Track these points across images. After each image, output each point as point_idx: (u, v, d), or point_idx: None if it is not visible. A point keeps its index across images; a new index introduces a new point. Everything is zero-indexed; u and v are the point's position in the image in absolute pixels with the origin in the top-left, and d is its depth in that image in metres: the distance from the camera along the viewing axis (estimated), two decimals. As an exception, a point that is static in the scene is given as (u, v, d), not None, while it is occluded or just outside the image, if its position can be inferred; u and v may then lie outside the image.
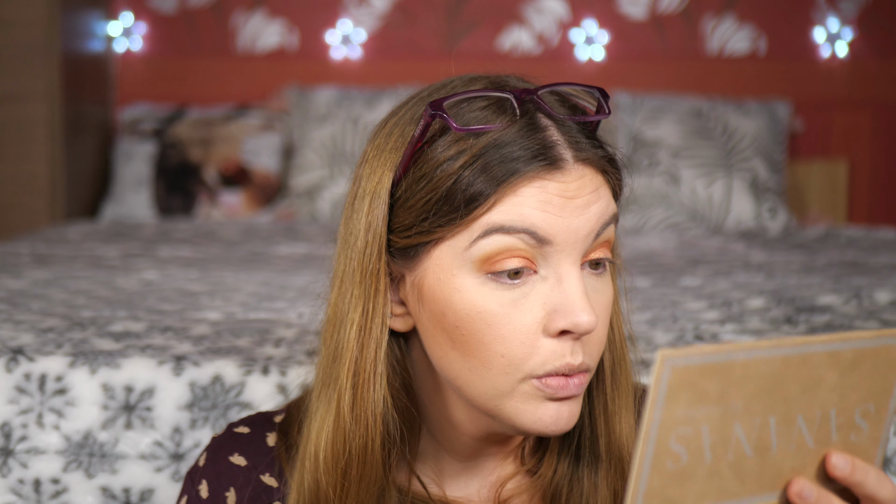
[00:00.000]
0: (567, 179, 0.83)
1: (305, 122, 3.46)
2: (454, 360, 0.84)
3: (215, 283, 2.17)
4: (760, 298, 1.97)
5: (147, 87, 3.71)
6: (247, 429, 0.97)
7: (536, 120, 0.84)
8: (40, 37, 3.28)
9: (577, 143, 0.84)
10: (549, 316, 0.82)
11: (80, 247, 2.69)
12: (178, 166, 3.40)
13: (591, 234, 0.84)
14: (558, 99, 0.87)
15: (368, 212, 0.86)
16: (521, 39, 3.63)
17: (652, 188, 3.24)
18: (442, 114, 0.83)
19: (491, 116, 0.83)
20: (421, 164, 0.84)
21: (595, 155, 0.85)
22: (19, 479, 1.42)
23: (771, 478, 0.67)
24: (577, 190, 0.83)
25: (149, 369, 1.46)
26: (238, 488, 0.94)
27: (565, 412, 0.84)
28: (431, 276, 0.84)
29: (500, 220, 0.81)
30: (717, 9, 3.65)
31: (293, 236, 2.92)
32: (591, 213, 0.84)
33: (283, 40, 3.72)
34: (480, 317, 0.82)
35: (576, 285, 0.82)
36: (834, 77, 3.64)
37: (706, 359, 0.62)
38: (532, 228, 0.81)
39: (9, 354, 1.48)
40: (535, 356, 0.82)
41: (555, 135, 0.84)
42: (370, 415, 0.86)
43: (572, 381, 0.83)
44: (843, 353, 0.67)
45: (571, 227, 0.82)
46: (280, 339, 1.61)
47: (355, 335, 0.86)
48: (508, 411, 0.84)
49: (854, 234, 3.08)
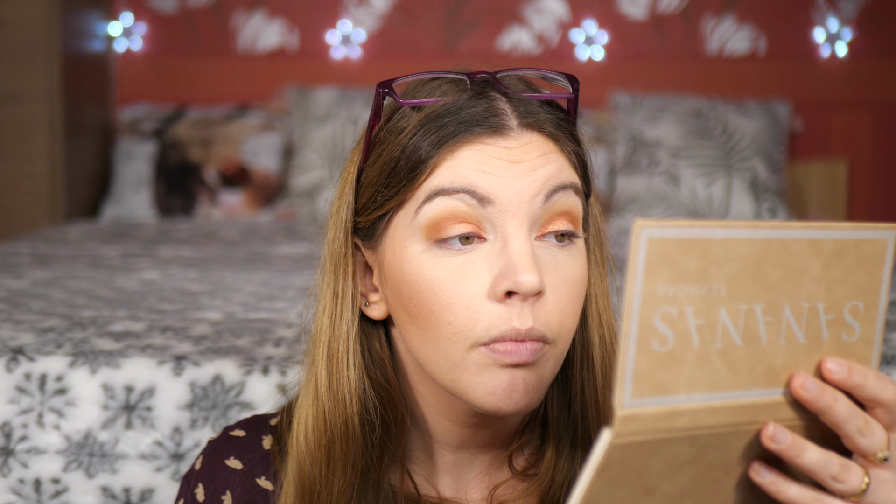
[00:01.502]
0: (510, 145, 0.82)
1: (305, 122, 3.46)
2: (414, 336, 0.85)
3: (215, 283, 2.17)
4: (760, 298, 1.97)
5: (147, 87, 3.71)
6: (242, 432, 0.98)
7: (485, 92, 0.84)
8: (40, 37, 3.28)
9: (526, 111, 0.84)
10: (495, 280, 0.81)
11: (81, 247, 2.69)
12: (178, 166, 3.40)
13: (539, 195, 0.82)
14: (524, 84, 0.87)
15: (339, 198, 0.89)
16: (521, 39, 3.63)
17: (652, 188, 3.24)
18: (387, 90, 0.84)
19: (443, 93, 0.84)
20: (377, 143, 0.86)
21: (543, 119, 0.84)
22: (20, 478, 1.42)
23: (763, 373, 0.66)
24: (520, 154, 0.82)
25: (149, 369, 1.46)
26: (234, 492, 0.94)
27: (520, 381, 0.82)
28: (389, 252, 0.86)
29: (439, 182, 0.82)
30: (717, 9, 3.65)
31: (293, 236, 2.92)
32: (538, 175, 0.82)
33: (283, 40, 3.72)
34: (428, 284, 0.82)
35: (520, 246, 0.81)
36: (834, 77, 3.64)
37: (683, 232, 0.61)
38: (471, 187, 0.81)
39: (9, 354, 1.48)
40: (481, 322, 0.81)
41: (501, 104, 0.84)
42: (346, 393, 0.87)
43: (524, 346, 0.81)
44: (824, 241, 0.67)
45: (514, 187, 0.81)
46: (280, 339, 1.61)
47: (328, 317, 0.88)
48: (465, 385, 0.83)
49: (854, 234, 3.08)
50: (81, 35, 3.50)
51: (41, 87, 3.29)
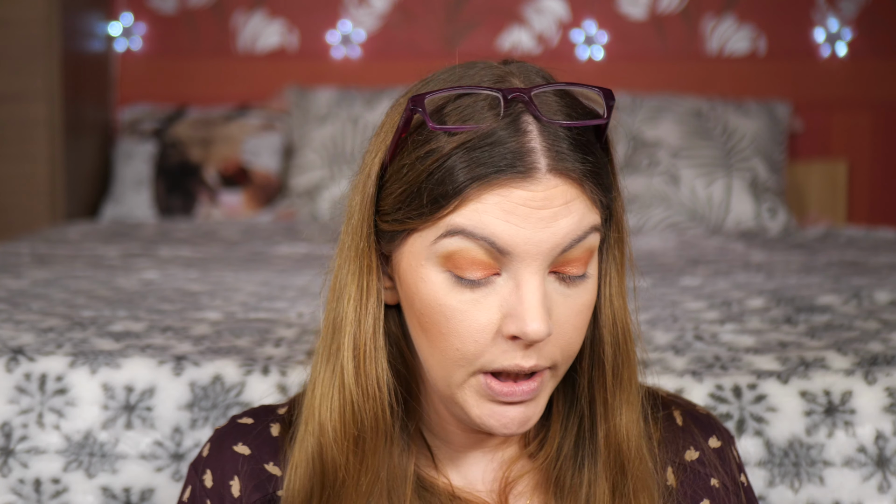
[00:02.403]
0: (536, 189, 0.81)
1: (305, 122, 3.46)
2: (422, 342, 0.87)
3: (215, 283, 2.17)
4: (760, 298, 1.97)
5: (147, 87, 3.71)
6: (250, 419, 0.98)
7: (519, 123, 0.83)
8: (40, 37, 3.28)
9: (556, 151, 0.82)
10: (504, 319, 0.83)
11: (81, 247, 2.69)
12: (178, 166, 3.40)
13: (557, 248, 0.82)
14: (558, 98, 0.85)
15: (362, 190, 0.89)
16: (521, 39, 3.63)
17: (652, 188, 3.24)
18: (419, 109, 0.83)
19: (475, 114, 0.83)
20: (403, 152, 0.86)
21: (573, 166, 0.83)
22: (20, 478, 1.42)
23: None
24: (544, 200, 0.81)
25: (149, 369, 1.46)
26: (242, 477, 0.95)
27: (516, 417, 0.85)
28: (405, 262, 0.86)
29: (462, 223, 0.82)
30: (716, 9, 3.65)
31: (293, 236, 2.92)
32: (559, 227, 0.82)
33: (283, 40, 3.72)
34: (441, 310, 0.83)
35: (532, 294, 0.81)
36: (834, 77, 3.64)
37: None
38: (492, 238, 0.81)
39: (9, 354, 1.48)
40: (487, 354, 0.83)
41: (533, 140, 0.82)
42: (376, 387, 0.88)
43: (520, 388, 0.83)
44: None
45: (534, 238, 0.81)
46: (280, 339, 1.61)
47: (353, 309, 0.88)
48: (461, 401, 0.85)
49: (854, 234, 3.08)
50: (81, 35, 3.50)
51: (41, 87, 3.29)
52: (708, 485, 0.96)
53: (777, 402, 1.42)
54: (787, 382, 1.44)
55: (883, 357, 1.50)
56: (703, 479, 0.96)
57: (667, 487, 0.94)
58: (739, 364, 1.50)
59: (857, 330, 1.70)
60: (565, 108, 0.85)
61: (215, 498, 0.95)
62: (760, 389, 1.43)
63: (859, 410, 1.42)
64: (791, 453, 1.41)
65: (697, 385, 1.43)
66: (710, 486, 0.96)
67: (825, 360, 1.49)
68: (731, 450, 0.99)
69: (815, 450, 1.41)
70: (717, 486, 0.96)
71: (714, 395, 1.42)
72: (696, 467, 0.96)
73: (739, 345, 1.62)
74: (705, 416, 1.00)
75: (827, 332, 1.69)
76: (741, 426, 1.41)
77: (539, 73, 0.88)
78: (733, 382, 1.44)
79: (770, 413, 1.42)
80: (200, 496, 0.96)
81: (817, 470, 1.40)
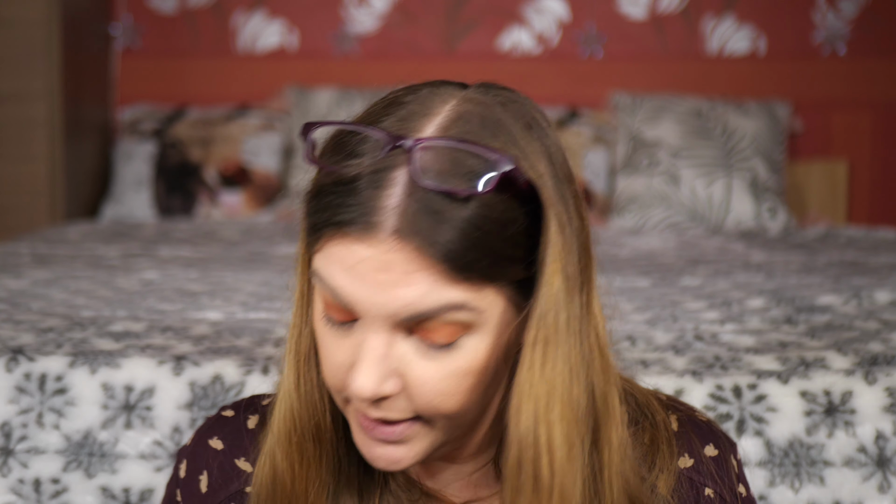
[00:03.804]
0: (378, 250, 0.77)
1: (305, 122, 3.45)
2: None
3: (215, 283, 2.17)
4: (760, 298, 1.97)
5: (147, 87, 3.71)
6: (231, 412, 0.99)
7: (387, 176, 0.78)
8: (40, 37, 3.28)
9: (411, 217, 0.76)
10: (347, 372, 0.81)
11: (80, 247, 2.69)
12: (178, 166, 3.40)
13: (397, 315, 0.78)
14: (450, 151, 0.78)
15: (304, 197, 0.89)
16: (521, 39, 3.63)
17: (652, 188, 3.24)
18: (305, 138, 0.84)
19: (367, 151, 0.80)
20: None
21: (426, 239, 0.76)
22: (19, 478, 1.42)
23: None
24: (383, 264, 0.77)
25: (149, 369, 1.46)
26: (210, 472, 0.96)
27: (383, 454, 0.82)
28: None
29: (317, 268, 0.81)
30: (716, 9, 3.65)
31: (293, 236, 2.91)
32: (397, 296, 0.77)
33: (283, 40, 3.72)
34: (318, 335, 0.84)
35: (366, 353, 0.79)
36: (834, 77, 3.64)
37: None
38: (336, 290, 0.79)
39: (9, 354, 1.48)
40: (345, 392, 0.82)
41: (392, 198, 0.77)
42: (316, 394, 0.88)
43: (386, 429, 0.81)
44: None
45: (374, 301, 0.78)
46: (280, 339, 1.61)
47: (296, 314, 0.89)
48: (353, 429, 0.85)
49: (854, 234, 3.08)
50: (81, 35, 3.50)
51: (41, 87, 3.29)
52: (701, 494, 0.94)
53: (777, 402, 1.42)
54: (788, 382, 1.44)
55: (883, 357, 1.50)
56: (696, 487, 0.94)
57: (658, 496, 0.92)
58: (739, 364, 1.50)
59: (857, 330, 1.70)
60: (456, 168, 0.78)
61: (185, 489, 0.96)
62: (760, 389, 1.43)
63: (859, 410, 1.42)
64: (791, 453, 1.41)
65: (697, 385, 1.43)
66: (704, 495, 0.94)
67: (825, 360, 1.49)
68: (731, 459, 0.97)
69: (816, 450, 1.41)
70: (710, 496, 0.94)
71: (714, 395, 1.42)
72: (690, 475, 0.94)
73: (739, 345, 1.62)
74: (705, 423, 0.97)
75: (827, 332, 1.69)
76: (741, 426, 1.41)
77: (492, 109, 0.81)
78: (733, 382, 1.44)
79: (770, 413, 1.42)
80: (174, 484, 0.98)
81: (817, 470, 1.40)
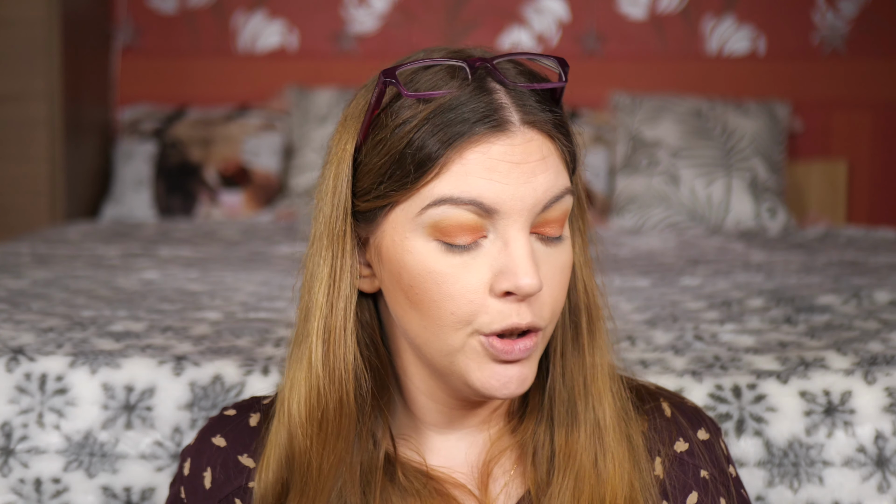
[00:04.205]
0: (513, 142, 0.84)
1: (305, 122, 3.46)
2: (413, 318, 0.88)
3: (215, 283, 2.17)
4: (760, 298, 1.97)
5: (147, 87, 3.71)
6: (234, 411, 1.01)
7: (486, 84, 0.86)
8: (40, 37, 3.28)
9: (524, 105, 0.86)
10: (496, 277, 0.85)
11: (81, 247, 2.69)
12: (178, 166, 3.40)
13: (538, 204, 0.85)
14: (516, 68, 0.89)
15: (334, 177, 0.90)
16: (521, 39, 3.63)
17: (652, 188, 3.24)
18: (393, 80, 0.86)
19: (443, 82, 0.86)
20: (378, 129, 0.87)
21: (543, 118, 0.86)
22: (20, 478, 1.42)
23: None
24: (522, 154, 0.84)
25: (149, 369, 1.46)
26: (214, 469, 0.97)
27: (514, 376, 0.86)
28: (388, 239, 0.87)
29: (447, 190, 0.84)
30: (716, 9, 3.66)
31: (293, 236, 2.92)
32: (538, 183, 0.85)
33: (283, 40, 3.72)
34: (431, 277, 0.85)
35: (521, 250, 0.84)
36: (834, 77, 3.64)
37: None
38: (478, 199, 0.83)
39: (9, 354, 1.48)
40: (484, 314, 0.85)
41: (502, 98, 0.85)
42: (342, 370, 0.89)
43: (517, 346, 0.85)
44: None
45: (517, 194, 0.84)
46: (280, 339, 1.62)
47: (325, 293, 0.90)
48: (461, 369, 0.87)
49: (853, 234, 3.08)
50: (81, 35, 3.50)
51: (41, 87, 3.29)
52: (697, 476, 0.96)
53: (777, 402, 1.43)
54: (787, 382, 1.44)
55: (883, 357, 1.50)
56: (692, 470, 0.96)
57: (655, 478, 0.95)
58: (739, 364, 1.50)
59: (857, 330, 1.71)
60: (524, 74, 0.89)
61: (189, 486, 0.98)
62: (760, 389, 1.43)
63: (859, 410, 1.42)
64: (791, 453, 1.41)
65: (697, 385, 1.43)
66: (700, 477, 0.96)
67: (825, 360, 1.49)
68: (719, 441, 1.00)
69: (815, 450, 1.41)
70: (706, 478, 0.97)
71: (714, 395, 1.43)
72: (686, 458, 0.97)
73: (739, 345, 1.62)
74: (692, 408, 1.01)
75: (827, 332, 1.69)
76: (741, 426, 1.41)
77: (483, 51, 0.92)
78: (733, 382, 1.44)
79: (770, 413, 1.42)
80: (179, 482, 0.99)
81: (817, 470, 1.40)
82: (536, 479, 0.92)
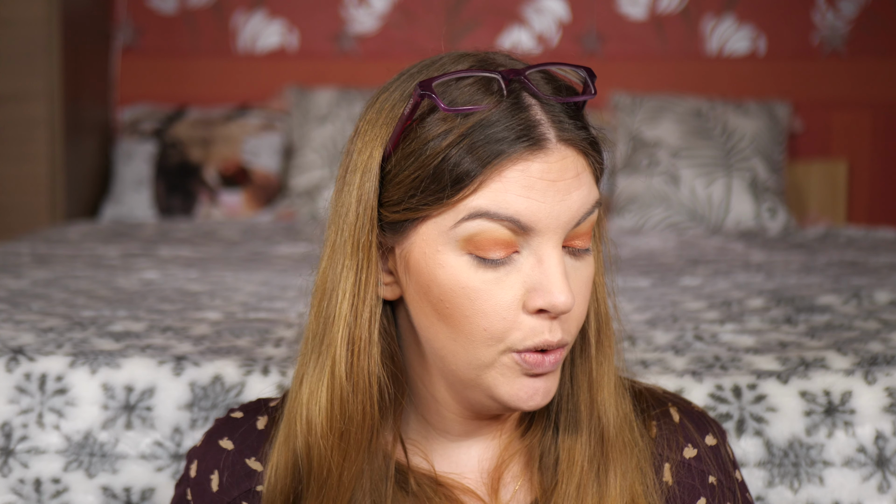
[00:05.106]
0: (550, 160, 0.84)
1: (305, 122, 3.46)
2: (440, 331, 0.87)
3: (215, 283, 2.17)
4: (760, 298, 1.97)
5: (147, 87, 3.71)
6: (241, 413, 1.00)
7: (521, 99, 0.86)
8: (40, 37, 3.28)
9: (559, 122, 0.85)
10: (528, 294, 0.85)
11: (81, 247, 2.69)
12: (178, 166, 3.40)
13: (572, 221, 0.85)
14: (545, 78, 0.88)
15: (360, 185, 0.88)
16: (520, 39, 3.63)
17: (651, 188, 3.24)
18: (430, 94, 0.85)
19: (478, 95, 0.85)
20: (410, 140, 0.86)
21: (577, 136, 0.86)
22: (20, 478, 1.42)
23: None
24: (559, 172, 0.84)
25: (149, 369, 1.46)
26: (222, 472, 0.97)
27: (541, 388, 0.87)
28: (418, 251, 0.87)
29: (484, 205, 0.83)
30: (716, 9, 3.66)
31: (293, 236, 2.92)
32: (573, 200, 0.85)
33: (283, 40, 3.72)
34: (464, 292, 0.85)
35: (555, 267, 0.84)
36: (834, 77, 3.64)
37: None
38: (516, 217, 0.83)
39: (9, 354, 1.48)
40: (516, 331, 0.85)
41: (538, 114, 0.85)
42: (367, 381, 0.89)
43: (548, 359, 0.86)
44: None
45: (553, 213, 0.84)
46: (280, 339, 1.61)
47: (348, 304, 0.89)
48: (488, 382, 0.87)
49: (853, 234, 3.08)
50: (81, 35, 3.50)
51: (41, 87, 3.29)
52: (706, 482, 0.97)
53: (777, 402, 1.42)
54: (787, 382, 1.44)
55: (883, 357, 1.50)
56: (701, 476, 0.97)
57: (664, 484, 0.95)
58: (739, 364, 1.50)
59: (857, 330, 1.71)
60: (551, 83, 0.88)
61: (196, 489, 0.97)
62: (760, 389, 1.43)
63: (859, 410, 1.42)
64: (791, 453, 1.41)
65: (697, 385, 1.43)
66: (708, 483, 0.97)
67: (825, 360, 1.49)
68: (725, 446, 1.00)
69: (815, 450, 1.41)
70: (713, 483, 0.97)
71: (714, 395, 1.42)
72: (694, 465, 0.97)
73: (739, 345, 1.62)
74: (699, 413, 1.01)
75: (827, 332, 1.69)
76: (741, 426, 1.41)
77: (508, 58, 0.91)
78: (733, 382, 1.44)
79: (770, 413, 1.42)
80: (185, 484, 0.99)
81: (817, 470, 1.40)
82: (543, 485, 0.92)
